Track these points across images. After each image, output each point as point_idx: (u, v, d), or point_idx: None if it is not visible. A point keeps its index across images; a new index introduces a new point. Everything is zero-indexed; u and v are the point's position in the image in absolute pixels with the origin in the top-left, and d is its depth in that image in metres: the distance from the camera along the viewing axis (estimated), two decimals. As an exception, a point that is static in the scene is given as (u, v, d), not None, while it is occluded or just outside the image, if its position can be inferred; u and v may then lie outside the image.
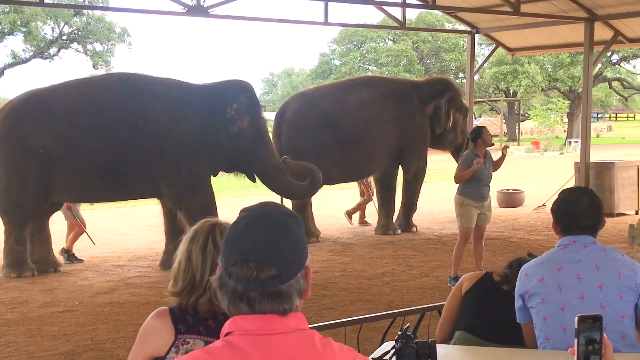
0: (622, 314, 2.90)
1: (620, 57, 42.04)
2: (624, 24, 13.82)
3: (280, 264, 1.50)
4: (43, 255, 8.83)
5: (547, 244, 10.11)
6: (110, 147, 8.47)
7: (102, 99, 8.66)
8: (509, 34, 15.65)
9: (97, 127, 8.47)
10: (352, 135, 10.87)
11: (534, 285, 3.04)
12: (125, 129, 8.51)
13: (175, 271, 2.31)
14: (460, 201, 7.95)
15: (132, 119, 8.54)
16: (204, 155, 8.71)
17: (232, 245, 1.53)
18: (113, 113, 8.54)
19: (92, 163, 8.46)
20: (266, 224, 1.53)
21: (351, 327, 4.88)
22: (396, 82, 13.02)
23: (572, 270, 2.97)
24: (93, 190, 8.74)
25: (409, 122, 11.34)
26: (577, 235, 3.03)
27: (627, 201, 12.92)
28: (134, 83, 8.94)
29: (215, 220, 2.35)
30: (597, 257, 2.99)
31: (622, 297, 2.90)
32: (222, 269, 1.55)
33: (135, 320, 6.54)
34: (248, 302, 1.51)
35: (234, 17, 12.10)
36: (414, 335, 2.51)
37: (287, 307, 1.52)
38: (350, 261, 9.30)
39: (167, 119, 8.59)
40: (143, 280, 8.41)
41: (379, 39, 47.13)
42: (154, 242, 10.69)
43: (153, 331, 2.25)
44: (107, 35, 36.88)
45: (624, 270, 2.93)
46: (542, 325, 3.00)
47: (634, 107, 56.06)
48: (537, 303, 3.02)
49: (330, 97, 11.33)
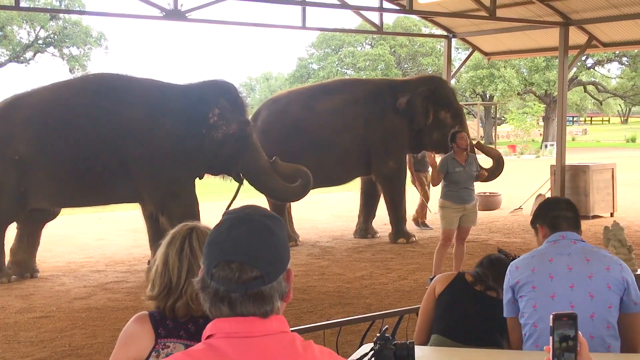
0: (610, 304, 3.00)
1: (594, 61, 42.52)
2: (598, 28, 13.99)
3: (263, 266, 1.51)
4: (24, 259, 8.76)
5: (524, 246, 10.20)
6: (85, 151, 8.30)
7: (74, 101, 8.49)
8: (485, 39, 15.78)
9: (70, 130, 8.31)
10: (322, 141, 10.84)
11: (526, 275, 3.12)
12: (99, 132, 8.32)
13: (153, 275, 2.31)
14: (440, 203, 8.08)
15: (106, 122, 8.35)
16: (187, 161, 8.51)
17: (215, 247, 1.54)
18: (86, 115, 8.35)
19: (66, 167, 8.32)
20: (248, 225, 1.55)
21: (330, 330, 4.90)
22: (370, 83, 12.79)
23: (563, 261, 3.08)
24: (70, 195, 8.61)
25: (378, 123, 10.98)
26: (564, 231, 3.16)
27: (602, 203, 13.07)
28: (110, 84, 8.74)
29: (193, 224, 2.36)
30: (587, 251, 3.11)
31: (610, 288, 3.00)
32: (204, 271, 1.55)
33: (113, 326, 6.51)
34: (229, 303, 1.52)
35: (211, 22, 12.07)
36: (393, 337, 2.53)
37: (268, 309, 1.53)
38: (329, 265, 9.31)
39: (146, 122, 8.41)
40: (121, 285, 8.36)
41: (356, 43, 47.30)
42: (132, 247, 10.64)
43: (133, 336, 2.25)
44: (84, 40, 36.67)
45: (612, 265, 3.06)
46: (532, 313, 3.07)
47: (609, 111, 56.72)
48: (528, 291, 3.10)
49: (300, 102, 11.28)
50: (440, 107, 10.97)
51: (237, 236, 1.53)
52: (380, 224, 12.52)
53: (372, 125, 11.00)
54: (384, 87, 11.48)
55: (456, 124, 10.83)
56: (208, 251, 1.56)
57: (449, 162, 8.33)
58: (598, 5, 12.85)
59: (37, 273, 8.82)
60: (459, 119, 11.12)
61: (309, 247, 10.61)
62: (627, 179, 19.01)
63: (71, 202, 8.98)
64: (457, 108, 11.32)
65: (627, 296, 3.02)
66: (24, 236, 8.80)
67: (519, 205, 13.60)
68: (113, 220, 13.67)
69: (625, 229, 6.67)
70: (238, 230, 1.54)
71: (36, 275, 8.78)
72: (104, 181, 8.44)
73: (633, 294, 3.03)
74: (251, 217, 1.57)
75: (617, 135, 47.65)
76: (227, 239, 1.54)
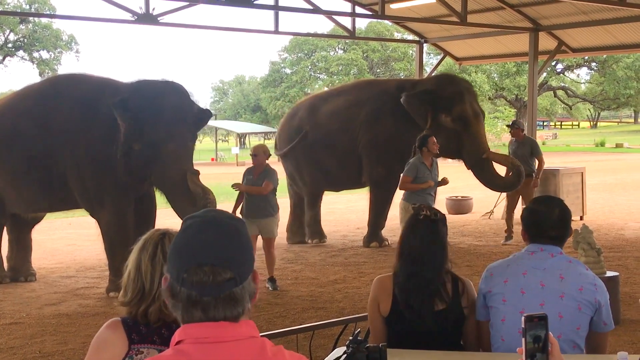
0: (578, 326, 2.99)
1: (564, 67, 43.10)
2: (568, 34, 14.19)
3: (234, 267, 1.51)
4: (17, 264, 8.83)
5: (496, 250, 10.29)
6: (31, 156, 8.10)
7: (24, 105, 8.35)
8: (456, 44, 15.92)
9: (19, 135, 8.16)
10: (320, 144, 10.97)
11: (498, 285, 3.10)
12: (41, 137, 8.06)
13: (125, 281, 2.30)
14: (404, 207, 8.13)
15: (47, 125, 8.07)
16: (111, 167, 7.77)
17: (184, 252, 1.53)
18: (30, 119, 8.16)
19: (21, 173, 8.21)
20: (217, 228, 1.54)
21: (303, 335, 4.90)
22: (379, 84, 12.23)
23: (536, 276, 3.03)
24: (33, 201, 8.46)
25: (372, 126, 10.62)
26: (545, 244, 3.08)
27: (571, 207, 12.93)
28: (58, 84, 8.51)
29: (165, 230, 2.35)
30: (563, 267, 3.04)
31: (581, 310, 2.98)
32: (171, 278, 1.53)
33: (84, 332, 6.45)
34: (203, 308, 1.51)
35: (183, 26, 12.05)
36: (365, 341, 2.54)
37: (240, 311, 1.53)
38: (302, 269, 9.32)
39: (76, 124, 7.91)
40: (92, 291, 8.28)
41: (329, 48, 47.45)
42: (103, 253, 10.51)
43: (106, 342, 2.23)
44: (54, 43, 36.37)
45: (586, 285, 3.00)
46: (500, 326, 3.06)
47: (578, 115, 57.44)
48: (498, 303, 3.08)
49: (309, 106, 11.54)
50: (440, 110, 10.08)
51: (207, 239, 1.52)
52: (353, 228, 12.55)
53: (367, 129, 10.67)
54: (392, 88, 10.90)
55: (459, 128, 10.08)
56: (176, 256, 1.54)
57: (419, 166, 8.42)
58: (567, 11, 13.04)
59: (32, 277, 8.79)
60: (461, 122, 10.11)
61: (282, 252, 10.59)
62: (596, 183, 19.28)
63: (38, 207, 8.77)
64: (461, 111, 10.12)
65: (598, 316, 3.02)
66: (13, 242, 8.91)
67: (490, 209, 13.71)
68: (83, 225, 13.53)
69: (594, 232, 6.78)
70: (207, 234, 1.53)
71: (31, 278, 8.76)
72: (54, 187, 8.18)
73: (604, 314, 3.03)
74: (218, 219, 1.56)
75: (586, 140, 48.28)
76: (196, 242, 1.52)
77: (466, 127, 10.13)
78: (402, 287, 3.24)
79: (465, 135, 10.15)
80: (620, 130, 60.02)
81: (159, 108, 7.52)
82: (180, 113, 7.65)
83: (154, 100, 7.58)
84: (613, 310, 3.23)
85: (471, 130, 10.16)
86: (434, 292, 3.22)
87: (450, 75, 11.98)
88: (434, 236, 3.28)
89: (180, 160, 7.63)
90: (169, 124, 7.54)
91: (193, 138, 8.08)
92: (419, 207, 3.37)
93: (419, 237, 3.28)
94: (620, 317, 6.38)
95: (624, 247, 10.31)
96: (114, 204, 7.91)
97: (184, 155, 7.74)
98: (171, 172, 7.58)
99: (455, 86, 10.40)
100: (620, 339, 5.85)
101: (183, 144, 7.73)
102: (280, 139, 11.71)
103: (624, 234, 11.55)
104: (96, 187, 7.92)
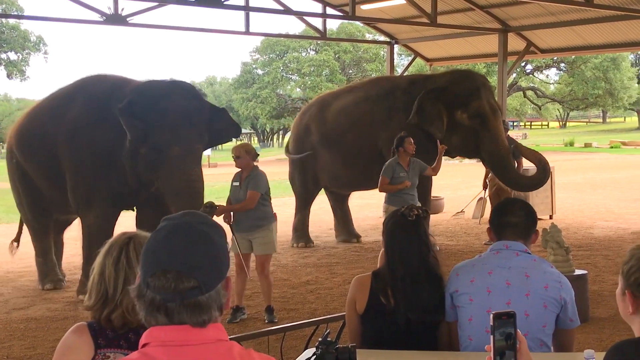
0: (544, 324, 3.01)
1: (533, 67, 43.55)
2: (536, 35, 14.35)
3: (200, 275, 1.48)
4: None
5: (467, 249, 10.36)
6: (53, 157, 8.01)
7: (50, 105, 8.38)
8: (426, 45, 16.02)
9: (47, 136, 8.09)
10: (327, 142, 10.86)
11: (464, 285, 3.12)
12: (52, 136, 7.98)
13: (90, 285, 2.27)
14: (384, 208, 8.18)
15: (55, 124, 8.01)
16: (110, 171, 7.63)
17: (151, 256, 1.51)
18: (53, 119, 8.08)
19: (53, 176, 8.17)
20: (186, 234, 1.51)
21: (275, 336, 4.89)
22: (392, 80, 11.67)
23: (502, 275, 3.05)
24: (52, 202, 8.47)
25: (381, 125, 10.16)
26: (509, 240, 3.11)
27: (541, 206, 13.32)
28: (81, 84, 8.33)
29: (132, 234, 2.32)
30: (528, 265, 3.06)
31: (546, 307, 3.00)
32: (140, 279, 1.52)
33: (53, 336, 6.37)
34: (166, 313, 1.49)
35: (153, 26, 11.97)
36: (336, 341, 2.53)
37: (205, 319, 1.50)
38: (274, 270, 9.28)
39: (82, 123, 7.76)
40: (60, 295, 8.18)
41: (301, 49, 47.40)
42: (72, 256, 10.41)
43: (71, 347, 2.20)
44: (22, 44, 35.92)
45: (551, 282, 3.03)
46: (467, 326, 3.08)
47: (548, 116, 58.05)
48: (465, 303, 3.09)
49: (319, 103, 11.43)
50: (455, 108, 9.64)
51: (174, 245, 1.50)
52: (326, 229, 12.55)
53: (378, 128, 10.20)
54: (405, 83, 10.59)
55: (476, 125, 9.64)
56: (144, 259, 1.52)
57: (394, 167, 8.46)
58: (535, 12, 13.18)
59: (61, 282, 8.61)
60: (479, 119, 9.65)
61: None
62: (566, 182, 19.49)
63: (59, 210, 8.64)
64: (478, 107, 9.64)
65: (564, 313, 3.04)
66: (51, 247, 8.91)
67: (461, 209, 13.79)
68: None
69: (563, 231, 6.85)
70: (175, 239, 1.50)
71: (60, 284, 8.56)
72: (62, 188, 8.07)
73: (570, 311, 3.06)
74: (190, 224, 1.53)
75: (555, 140, 48.78)
76: (164, 247, 1.50)
77: (484, 124, 9.65)
78: (384, 286, 3.26)
79: (483, 133, 9.67)
80: (589, 130, 60.79)
81: (163, 110, 7.20)
82: (187, 115, 7.26)
83: (159, 101, 7.25)
84: (581, 308, 3.27)
85: (489, 127, 9.68)
86: (415, 291, 3.24)
87: (465, 70, 11.36)
88: (417, 235, 3.31)
89: (185, 164, 7.26)
90: (174, 126, 7.19)
91: (201, 141, 7.53)
92: (409, 209, 3.39)
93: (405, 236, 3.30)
94: (589, 315, 6.46)
95: (592, 246, 10.44)
96: (101, 208, 7.75)
97: (189, 160, 7.35)
98: (175, 178, 7.22)
99: (471, 82, 9.89)
100: (589, 336, 5.92)
101: (189, 148, 7.32)
102: (291, 138, 11.68)
103: (593, 233, 11.69)
104: (88, 187, 7.74)
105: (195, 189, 7.31)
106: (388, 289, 3.26)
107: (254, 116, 49.33)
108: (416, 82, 10.36)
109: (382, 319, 3.26)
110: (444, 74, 10.89)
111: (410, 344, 3.18)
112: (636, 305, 1.88)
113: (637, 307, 1.88)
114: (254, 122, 54.23)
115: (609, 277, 8.16)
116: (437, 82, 10.00)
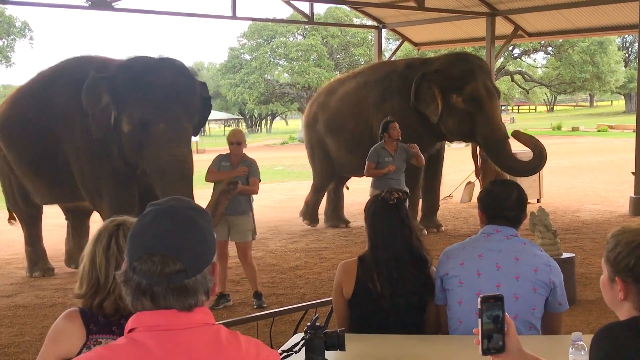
0: (533, 307, 3.03)
1: (521, 51, 43.56)
2: (524, 18, 14.34)
3: (186, 259, 1.49)
4: (72, 251, 8.75)
5: (454, 233, 10.40)
6: (43, 143, 7.72)
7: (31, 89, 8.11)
8: (414, 29, 15.98)
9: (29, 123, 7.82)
10: (332, 129, 10.95)
11: (454, 268, 3.13)
12: (49, 123, 7.63)
13: (81, 273, 2.26)
14: (371, 192, 8.22)
15: (51, 110, 7.63)
16: (107, 153, 7.30)
17: (137, 240, 1.51)
18: (41, 102, 7.78)
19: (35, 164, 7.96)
20: (172, 218, 1.51)
21: (264, 321, 4.90)
22: (392, 64, 11.50)
23: (492, 258, 3.07)
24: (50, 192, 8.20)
25: (375, 109, 10.22)
26: (501, 225, 3.13)
27: (528, 190, 13.20)
28: (63, 67, 8.01)
29: (121, 220, 2.31)
30: (518, 249, 3.09)
31: (536, 291, 3.02)
32: (126, 264, 1.52)
33: (41, 323, 6.35)
34: (152, 297, 1.49)
35: (139, 11, 11.89)
36: (325, 326, 2.54)
37: (192, 303, 1.51)
38: (264, 256, 9.29)
39: (72, 108, 7.33)
40: (48, 281, 8.16)
41: (288, 33, 47.22)
42: (60, 243, 10.36)
43: (63, 333, 2.20)
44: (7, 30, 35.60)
45: (541, 266, 3.05)
46: (457, 308, 3.09)
47: (535, 100, 58.16)
48: (455, 286, 3.10)
49: (327, 90, 11.54)
50: (450, 91, 9.53)
51: (160, 229, 1.50)
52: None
53: (372, 112, 10.27)
54: (401, 67, 10.51)
55: (471, 109, 9.49)
56: (131, 244, 1.53)
57: (379, 151, 8.48)
58: (523, -5, 13.16)
59: (50, 271, 8.55)
60: (474, 103, 9.49)
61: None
62: (553, 166, 19.55)
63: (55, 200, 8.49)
64: (472, 90, 9.48)
65: (553, 297, 3.06)
66: (69, 229, 8.97)
67: (449, 193, 13.82)
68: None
69: (550, 215, 6.89)
70: (161, 223, 1.50)
71: (50, 273, 8.50)
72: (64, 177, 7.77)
73: (559, 294, 3.08)
74: (175, 209, 1.53)
75: (543, 123, 48.94)
76: (149, 231, 1.50)
77: (479, 107, 9.51)
78: (370, 269, 3.27)
79: (478, 117, 9.54)
80: (577, 114, 60.99)
81: (148, 84, 6.75)
82: (174, 89, 6.82)
83: (143, 76, 6.81)
84: (569, 291, 3.29)
85: (485, 111, 9.53)
86: (400, 274, 3.24)
87: (461, 53, 11.20)
88: (399, 218, 3.33)
89: (172, 142, 6.78)
90: (160, 100, 6.73)
91: (190, 120, 7.06)
92: (389, 192, 3.39)
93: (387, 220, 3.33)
94: (577, 297, 6.50)
95: (579, 229, 10.50)
96: (112, 194, 7.35)
97: (177, 137, 6.85)
98: (162, 157, 6.75)
99: (466, 64, 9.72)
100: (577, 319, 5.96)
101: (176, 124, 6.84)
102: (302, 125, 11.88)
103: (580, 216, 11.75)
104: (93, 174, 7.42)
105: (184, 170, 6.82)
106: (374, 274, 3.27)
107: (241, 102, 49.15)
108: (413, 66, 10.37)
109: (370, 303, 3.27)
110: (441, 56, 10.90)
111: (398, 327, 3.19)
112: (627, 291, 1.87)
113: (627, 292, 1.87)
114: (241, 108, 54.04)
115: (596, 260, 8.21)
116: (434, 65, 9.98)
